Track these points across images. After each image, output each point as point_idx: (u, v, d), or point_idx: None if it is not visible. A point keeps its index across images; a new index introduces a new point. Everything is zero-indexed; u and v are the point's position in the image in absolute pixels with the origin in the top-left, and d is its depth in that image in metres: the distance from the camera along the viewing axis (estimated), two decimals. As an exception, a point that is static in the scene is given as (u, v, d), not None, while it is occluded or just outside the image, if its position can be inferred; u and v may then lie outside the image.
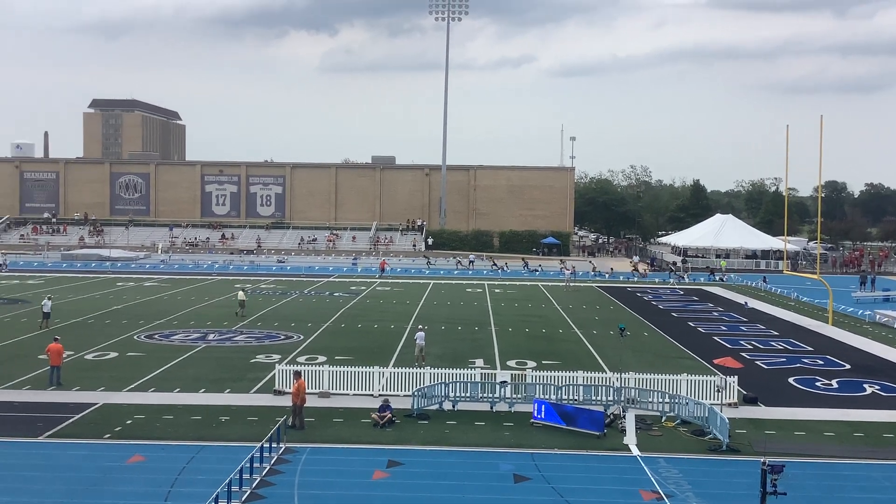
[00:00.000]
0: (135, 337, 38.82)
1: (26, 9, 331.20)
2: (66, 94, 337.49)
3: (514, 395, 26.60)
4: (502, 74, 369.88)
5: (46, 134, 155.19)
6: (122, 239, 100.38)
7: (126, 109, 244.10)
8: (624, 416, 24.42)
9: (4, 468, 20.17)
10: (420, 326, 37.00)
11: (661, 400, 26.15)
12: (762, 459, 18.44)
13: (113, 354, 34.49)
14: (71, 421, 24.26)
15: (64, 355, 29.66)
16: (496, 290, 62.98)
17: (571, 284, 66.60)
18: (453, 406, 26.36)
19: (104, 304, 50.12)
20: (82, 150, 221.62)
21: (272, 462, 20.71)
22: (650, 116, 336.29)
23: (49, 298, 42.31)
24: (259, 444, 20.83)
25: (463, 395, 26.72)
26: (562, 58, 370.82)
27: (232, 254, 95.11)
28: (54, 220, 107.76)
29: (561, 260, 73.88)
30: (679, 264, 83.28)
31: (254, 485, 19.08)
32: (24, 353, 34.00)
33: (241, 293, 48.37)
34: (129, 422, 24.28)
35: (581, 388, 27.05)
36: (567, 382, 27.34)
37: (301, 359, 33.60)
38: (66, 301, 50.81)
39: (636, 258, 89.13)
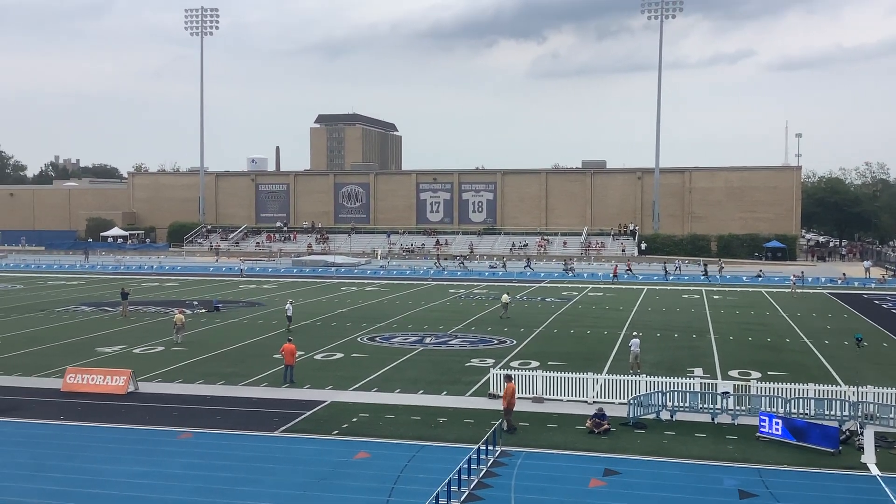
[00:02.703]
0: (358, 339, 40.87)
1: (259, 34, 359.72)
2: (294, 111, 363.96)
3: (738, 407, 25.36)
4: (717, 71, 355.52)
5: (278, 149, 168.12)
6: (345, 246, 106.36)
7: (348, 123, 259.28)
8: (861, 433, 22.63)
9: (246, 459, 21.87)
10: (635, 333, 36.24)
11: (905, 417, 23.97)
12: None
13: (339, 355, 36.51)
14: (303, 417, 25.92)
15: (296, 355, 31.81)
16: (714, 297, 60.42)
17: (798, 291, 62.55)
18: (671, 416, 25.54)
19: (330, 308, 53.23)
20: (309, 162, 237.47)
21: (488, 464, 21.01)
22: (885, 109, 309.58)
23: (291, 303, 45.54)
24: (476, 447, 21.22)
25: (681, 405, 25.84)
26: (782, 51, 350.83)
27: (446, 259, 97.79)
28: (285, 228, 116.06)
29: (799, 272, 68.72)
30: None
31: (471, 486, 19.45)
32: (262, 353, 36.75)
33: (504, 296, 50.30)
34: (354, 419, 25.58)
35: (812, 401, 25.32)
36: (797, 395, 25.70)
37: (514, 363, 33.87)
38: (297, 304, 54.32)
39: (868, 262, 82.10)
